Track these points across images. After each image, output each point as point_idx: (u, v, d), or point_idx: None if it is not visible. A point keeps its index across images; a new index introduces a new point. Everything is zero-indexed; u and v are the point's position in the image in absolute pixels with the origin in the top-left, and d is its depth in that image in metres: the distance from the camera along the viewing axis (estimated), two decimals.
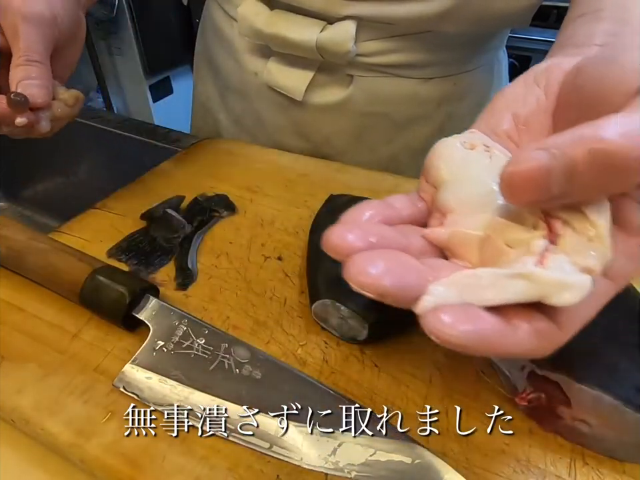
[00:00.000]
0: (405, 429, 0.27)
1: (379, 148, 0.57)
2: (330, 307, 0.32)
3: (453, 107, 0.55)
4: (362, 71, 0.51)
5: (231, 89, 0.61)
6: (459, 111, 0.56)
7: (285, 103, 0.56)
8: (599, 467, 0.26)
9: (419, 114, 0.55)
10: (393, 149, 0.57)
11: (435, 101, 0.54)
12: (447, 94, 0.54)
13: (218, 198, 0.45)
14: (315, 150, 0.58)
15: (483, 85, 0.57)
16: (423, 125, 0.56)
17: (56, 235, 0.41)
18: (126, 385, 0.29)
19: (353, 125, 0.55)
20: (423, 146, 0.57)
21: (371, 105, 0.53)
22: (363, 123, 0.55)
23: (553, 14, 1.14)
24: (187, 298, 0.36)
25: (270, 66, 0.54)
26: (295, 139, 0.58)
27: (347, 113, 0.54)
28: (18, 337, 0.32)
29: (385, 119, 0.55)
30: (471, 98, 0.56)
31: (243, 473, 0.25)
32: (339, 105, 0.54)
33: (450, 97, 0.54)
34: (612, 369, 0.26)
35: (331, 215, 0.40)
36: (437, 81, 0.53)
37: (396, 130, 0.56)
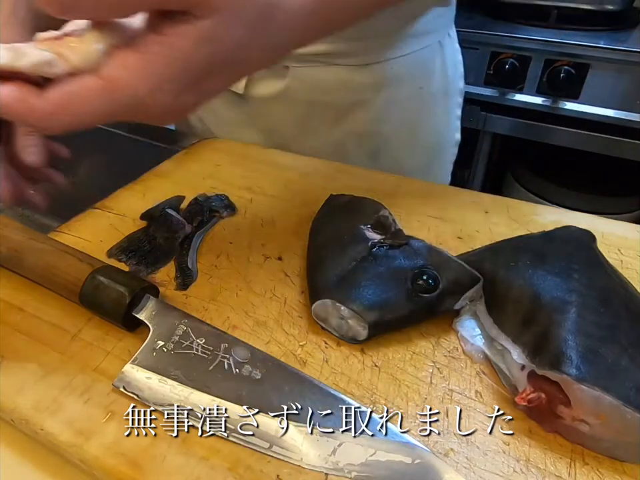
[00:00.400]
0: (405, 429, 0.27)
1: (323, 134, 0.59)
2: (330, 306, 0.32)
3: (392, 92, 0.57)
4: (296, 62, 0.54)
5: None
6: (399, 95, 0.57)
7: (233, 98, 0.59)
8: (599, 467, 0.26)
9: (358, 100, 0.56)
10: (337, 135, 0.59)
11: (372, 87, 0.56)
12: (384, 79, 0.55)
13: (218, 198, 0.45)
14: (266, 140, 0.60)
15: (423, 69, 0.58)
16: (364, 110, 0.57)
17: (56, 235, 0.41)
18: (126, 385, 0.29)
19: (295, 113, 0.58)
20: (365, 129, 0.59)
21: (309, 94, 0.56)
22: (305, 111, 0.57)
23: (553, 14, 1.13)
24: (187, 298, 0.36)
25: None
26: (248, 131, 0.61)
27: (288, 103, 0.57)
28: (18, 337, 0.32)
29: (325, 107, 0.57)
30: (410, 82, 0.57)
31: (243, 473, 0.25)
32: (279, 96, 0.56)
33: (387, 82, 0.56)
34: (612, 369, 0.26)
35: (331, 215, 0.41)
36: (372, 67, 0.54)
37: (337, 116, 0.57)
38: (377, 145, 0.60)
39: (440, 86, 0.61)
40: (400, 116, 0.59)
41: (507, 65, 1.11)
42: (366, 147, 0.60)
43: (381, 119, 0.58)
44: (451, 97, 0.64)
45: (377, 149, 0.60)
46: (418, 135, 0.62)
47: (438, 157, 0.67)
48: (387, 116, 0.58)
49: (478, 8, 1.27)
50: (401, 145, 0.61)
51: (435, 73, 0.59)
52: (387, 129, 0.59)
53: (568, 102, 1.11)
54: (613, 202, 1.23)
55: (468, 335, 0.32)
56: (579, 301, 0.29)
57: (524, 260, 0.33)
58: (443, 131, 0.66)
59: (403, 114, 0.59)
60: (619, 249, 0.39)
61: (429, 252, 0.34)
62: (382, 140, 0.60)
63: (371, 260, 0.34)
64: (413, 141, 0.62)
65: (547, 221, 0.42)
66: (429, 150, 0.65)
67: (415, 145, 0.63)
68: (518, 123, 1.18)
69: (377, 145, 0.60)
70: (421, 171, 0.65)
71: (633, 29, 1.16)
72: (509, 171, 1.40)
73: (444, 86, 0.61)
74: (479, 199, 0.46)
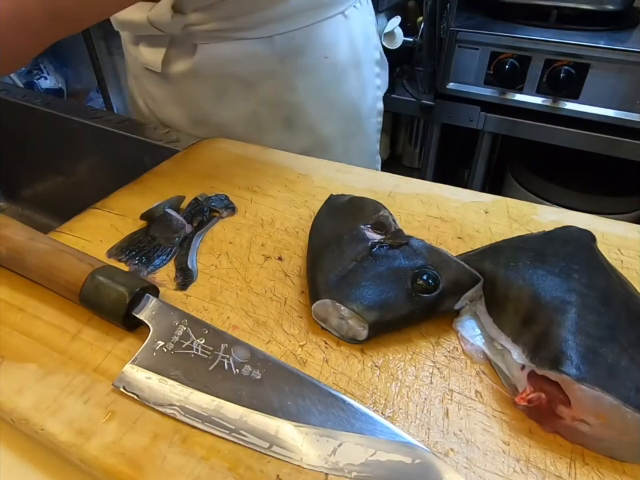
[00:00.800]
0: (405, 428, 0.27)
1: (237, 106, 0.62)
2: (330, 307, 0.32)
3: (296, 62, 0.60)
4: (202, 39, 0.58)
5: (133, 75, 0.69)
6: (304, 64, 0.60)
7: (159, 79, 0.63)
8: (599, 467, 0.26)
9: (264, 71, 0.60)
10: (250, 105, 0.62)
11: (276, 58, 0.59)
12: (287, 49, 0.59)
13: (218, 198, 0.45)
14: (188, 115, 0.65)
15: (326, 40, 0.61)
16: (272, 81, 0.60)
17: (56, 234, 0.41)
18: (126, 385, 0.29)
19: (208, 88, 0.61)
20: (276, 98, 0.62)
21: (218, 68, 0.59)
22: (216, 85, 0.61)
23: (553, 14, 1.13)
24: (187, 298, 0.36)
25: (140, 48, 0.62)
26: (176, 110, 0.65)
27: (200, 78, 0.60)
28: (18, 337, 0.32)
29: (235, 79, 0.60)
30: (314, 51, 0.60)
31: (243, 473, 0.25)
32: (191, 72, 0.60)
33: (291, 52, 0.59)
34: (612, 368, 0.26)
35: (331, 215, 0.41)
36: (274, 39, 0.58)
37: (247, 87, 0.61)
38: (289, 113, 0.63)
39: (348, 56, 0.63)
40: (308, 85, 0.62)
41: (507, 65, 1.11)
42: (279, 116, 0.63)
43: (289, 87, 0.61)
44: (364, 66, 0.66)
45: (290, 117, 0.63)
46: (331, 103, 0.65)
47: (358, 126, 0.70)
48: (295, 85, 0.61)
49: (478, 8, 1.27)
50: (314, 113, 0.64)
51: (341, 43, 0.62)
52: (297, 98, 0.62)
53: (568, 102, 1.11)
54: (613, 202, 1.23)
55: (468, 335, 0.32)
56: (579, 301, 0.29)
57: (524, 260, 0.33)
58: (359, 101, 0.68)
59: (311, 83, 0.62)
60: (619, 249, 0.39)
61: (429, 252, 0.34)
62: (294, 108, 0.63)
63: (371, 260, 0.34)
64: (326, 109, 0.65)
65: (547, 221, 0.42)
66: (345, 119, 0.67)
67: (329, 113, 0.65)
68: (518, 122, 1.18)
69: (289, 113, 0.63)
70: (341, 139, 0.68)
71: (633, 29, 1.16)
72: (509, 171, 1.40)
73: (353, 56, 0.64)
74: (479, 199, 0.46)
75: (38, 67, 1.79)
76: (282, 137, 0.64)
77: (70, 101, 1.76)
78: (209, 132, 0.63)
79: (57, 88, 1.84)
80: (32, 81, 1.77)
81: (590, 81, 1.07)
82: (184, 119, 0.65)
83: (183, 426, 0.27)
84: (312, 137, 0.65)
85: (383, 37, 1.23)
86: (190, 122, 0.65)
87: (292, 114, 0.63)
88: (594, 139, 1.12)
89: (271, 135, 0.64)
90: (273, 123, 0.63)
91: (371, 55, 0.68)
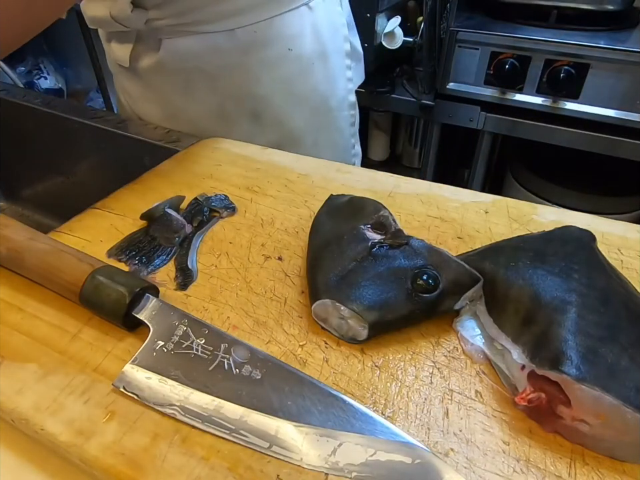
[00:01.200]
0: (405, 428, 0.27)
1: (203, 100, 0.63)
2: (330, 307, 0.32)
3: (259, 54, 0.60)
4: (166, 34, 0.58)
5: (113, 74, 0.70)
6: (268, 57, 0.60)
7: (131, 75, 0.64)
8: (599, 467, 0.26)
9: (228, 64, 0.60)
10: (217, 99, 0.62)
11: (239, 51, 0.59)
12: (250, 42, 0.59)
13: (218, 198, 0.45)
14: (163, 112, 0.65)
15: (289, 32, 0.61)
16: (236, 74, 0.61)
17: (56, 235, 0.41)
18: (126, 385, 0.29)
19: (175, 82, 0.62)
20: (242, 91, 0.62)
21: (183, 62, 0.60)
22: (182, 79, 0.61)
23: (553, 14, 1.13)
24: (187, 298, 0.36)
25: (112, 44, 0.63)
26: (150, 106, 0.66)
27: (167, 73, 0.61)
28: (18, 337, 0.32)
29: (199, 73, 0.60)
30: (277, 44, 0.60)
31: (243, 473, 0.25)
32: (158, 67, 0.61)
33: (254, 44, 0.59)
34: (612, 368, 0.26)
35: (331, 215, 0.41)
36: (236, 32, 0.58)
37: (213, 81, 0.61)
38: (255, 107, 0.63)
39: (313, 48, 0.63)
40: (273, 77, 0.62)
41: (507, 64, 1.11)
42: (245, 109, 0.63)
43: (253, 80, 0.61)
44: (331, 58, 0.66)
45: (257, 111, 0.63)
46: (298, 96, 0.64)
47: (327, 119, 0.69)
48: (259, 77, 0.61)
49: (478, 8, 1.27)
50: (280, 106, 0.64)
51: (305, 35, 0.62)
52: (263, 90, 0.62)
53: (568, 102, 1.11)
54: (613, 202, 1.23)
55: (468, 335, 0.32)
56: (579, 300, 0.29)
57: (524, 260, 0.33)
58: (328, 93, 0.67)
59: (276, 75, 0.62)
60: (619, 248, 0.39)
61: (429, 252, 0.34)
62: (260, 101, 0.63)
63: (371, 260, 0.34)
64: (293, 102, 0.64)
65: (547, 221, 0.42)
66: (314, 112, 0.67)
67: (297, 107, 0.65)
68: (518, 122, 1.18)
69: (255, 106, 0.63)
70: (310, 133, 0.67)
71: (633, 29, 1.16)
72: (509, 171, 1.40)
73: (319, 48, 0.63)
74: (479, 199, 0.46)
75: (38, 67, 1.79)
76: (250, 130, 0.64)
77: (70, 101, 1.76)
78: (181, 126, 0.64)
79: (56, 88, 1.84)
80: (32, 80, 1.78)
81: (590, 81, 1.07)
82: (158, 113, 0.66)
83: (182, 426, 0.27)
84: (280, 131, 0.65)
85: (383, 36, 1.23)
86: (163, 117, 0.66)
87: (258, 107, 0.63)
88: (594, 139, 1.12)
89: (238, 129, 0.64)
90: (239, 117, 0.63)
91: (339, 47, 0.67)
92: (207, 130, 0.62)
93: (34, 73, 1.79)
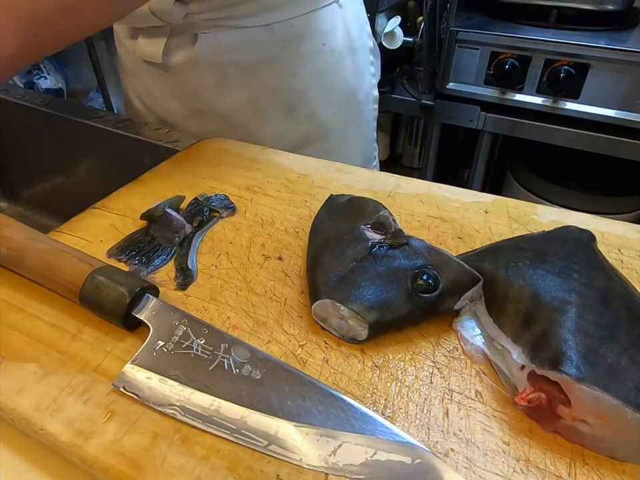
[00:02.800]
0: (405, 428, 0.27)
1: (238, 93, 0.63)
2: (330, 307, 0.32)
3: (296, 49, 0.61)
4: (203, 28, 0.58)
5: (128, 73, 0.69)
6: (306, 50, 0.62)
7: (158, 71, 0.64)
8: (599, 467, 0.26)
9: (265, 58, 0.61)
10: (251, 93, 0.63)
11: (277, 45, 0.60)
12: (287, 37, 0.60)
13: (218, 198, 0.45)
14: (188, 106, 0.65)
15: (323, 27, 0.62)
16: (273, 68, 0.61)
17: (56, 234, 0.41)
18: (126, 385, 0.29)
19: (209, 77, 0.62)
20: (278, 85, 0.63)
21: (219, 56, 0.60)
22: (217, 74, 0.61)
23: (553, 14, 1.13)
24: (187, 298, 0.36)
25: (139, 41, 0.63)
26: (175, 102, 0.66)
27: (201, 68, 0.61)
28: (18, 337, 0.32)
29: (236, 67, 0.61)
30: (313, 38, 0.62)
31: (243, 473, 0.25)
32: (192, 62, 0.61)
33: (291, 39, 0.60)
34: (612, 368, 0.26)
35: (331, 215, 0.41)
36: (273, 27, 0.59)
37: (248, 75, 0.62)
38: (290, 100, 0.64)
39: (344, 43, 0.65)
40: (309, 71, 0.63)
41: (507, 64, 1.11)
42: (280, 102, 0.64)
43: (290, 74, 0.62)
44: (359, 53, 0.68)
45: (292, 104, 0.64)
46: (330, 89, 0.66)
47: (355, 112, 0.71)
48: (296, 71, 0.62)
49: (478, 8, 1.27)
50: (314, 99, 0.65)
51: (337, 30, 0.64)
52: (299, 84, 0.63)
53: (568, 102, 1.11)
54: (613, 202, 1.24)
55: (468, 335, 0.32)
56: (579, 300, 0.29)
57: (524, 260, 0.33)
58: (356, 87, 0.69)
59: (312, 69, 0.63)
60: (619, 248, 0.39)
61: (429, 252, 0.34)
62: (295, 95, 0.64)
63: (371, 260, 0.34)
64: (326, 96, 0.66)
65: (547, 221, 0.42)
66: (344, 105, 0.68)
67: (329, 99, 0.66)
68: (518, 122, 1.18)
69: (290, 99, 0.64)
70: (340, 126, 0.69)
71: (633, 29, 1.16)
72: (509, 171, 1.40)
73: (348, 43, 0.66)
74: (479, 199, 0.46)
75: (38, 67, 1.79)
76: (282, 123, 0.64)
77: (70, 101, 1.76)
78: (208, 122, 0.64)
79: (56, 88, 1.84)
80: (32, 80, 1.77)
81: (590, 81, 1.07)
82: (183, 111, 0.66)
83: (183, 426, 0.27)
84: (312, 123, 0.66)
85: (382, 36, 1.23)
86: (189, 114, 0.65)
87: (293, 100, 0.64)
88: (594, 139, 1.12)
89: (271, 122, 0.64)
90: (273, 110, 0.64)
91: (365, 43, 0.69)
92: (238, 125, 0.62)
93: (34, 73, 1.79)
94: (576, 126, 1.12)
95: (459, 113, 1.24)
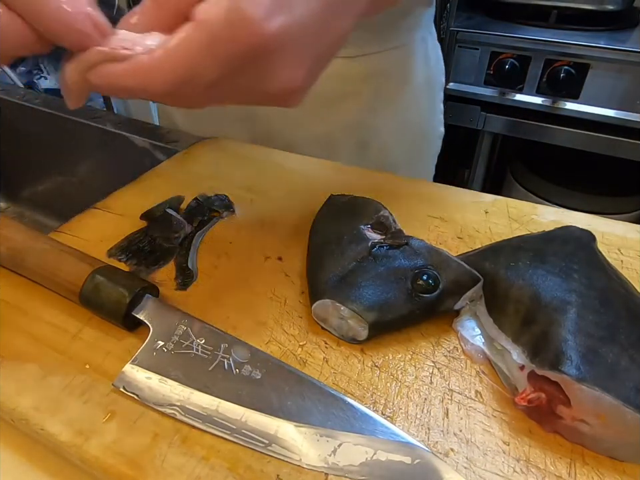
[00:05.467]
0: (405, 428, 0.27)
1: (312, 125, 0.61)
2: (330, 307, 0.32)
3: (379, 83, 0.59)
4: None
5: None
6: (386, 86, 0.60)
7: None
8: (599, 467, 0.26)
9: (347, 91, 0.58)
10: (326, 126, 0.60)
11: (360, 78, 0.58)
12: (371, 71, 0.58)
13: (218, 198, 0.45)
14: (256, 133, 0.61)
15: (406, 63, 0.61)
16: (352, 101, 0.59)
17: (56, 235, 0.41)
18: (126, 385, 0.29)
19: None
20: (355, 120, 0.60)
21: None
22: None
23: (553, 14, 1.13)
24: (187, 298, 0.36)
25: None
26: (239, 125, 0.62)
27: None
28: (18, 337, 0.32)
29: (315, 97, 0.58)
30: (396, 74, 0.60)
31: (243, 473, 0.25)
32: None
33: (374, 73, 0.58)
34: (612, 368, 0.26)
35: (331, 215, 0.41)
36: (360, 59, 0.57)
37: (327, 107, 0.59)
38: (365, 136, 0.62)
39: (423, 79, 0.63)
40: (388, 107, 0.61)
41: (507, 64, 1.11)
42: (355, 138, 0.62)
43: (369, 109, 0.60)
44: (434, 90, 0.67)
45: (366, 140, 0.62)
46: (405, 126, 0.64)
47: (423, 149, 0.70)
48: (376, 107, 0.60)
49: (478, 8, 1.27)
50: (389, 136, 0.63)
51: (419, 66, 0.62)
52: (376, 120, 0.61)
53: (568, 102, 1.11)
54: (613, 202, 1.24)
55: (468, 335, 0.32)
56: (579, 300, 0.29)
57: (524, 260, 0.33)
58: (427, 124, 0.68)
59: (391, 105, 0.61)
60: (619, 248, 0.39)
61: (429, 252, 0.34)
62: (371, 131, 0.62)
63: (371, 260, 0.34)
64: (400, 133, 0.64)
65: (547, 221, 0.42)
66: (414, 142, 0.67)
67: (402, 137, 0.65)
68: (518, 122, 1.18)
69: (365, 136, 0.62)
70: (406, 163, 0.67)
71: (633, 29, 1.16)
72: (509, 171, 1.40)
73: (427, 79, 0.64)
74: (479, 199, 0.46)
75: (38, 67, 1.79)
76: (351, 160, 0.61)
77: None
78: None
79: (57, 88, 1.84)
80: (32, 80, 1.77)
81: (590, 81, 1.07)
82: (243, 135, 0.62)
83: (183, 426, 0.27)
84: (382, 161, 0.64)
85: None
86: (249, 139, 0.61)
87: (368, 137, 0.62)
88: (594, 139, 1.12)
89: (341, 158, 0.60)
90: (347, 146, 0.62)
91: (439, 79, 0.68)
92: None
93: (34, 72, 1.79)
94: (576, 126, 1.13)
95: (459, 112, 1.24)
